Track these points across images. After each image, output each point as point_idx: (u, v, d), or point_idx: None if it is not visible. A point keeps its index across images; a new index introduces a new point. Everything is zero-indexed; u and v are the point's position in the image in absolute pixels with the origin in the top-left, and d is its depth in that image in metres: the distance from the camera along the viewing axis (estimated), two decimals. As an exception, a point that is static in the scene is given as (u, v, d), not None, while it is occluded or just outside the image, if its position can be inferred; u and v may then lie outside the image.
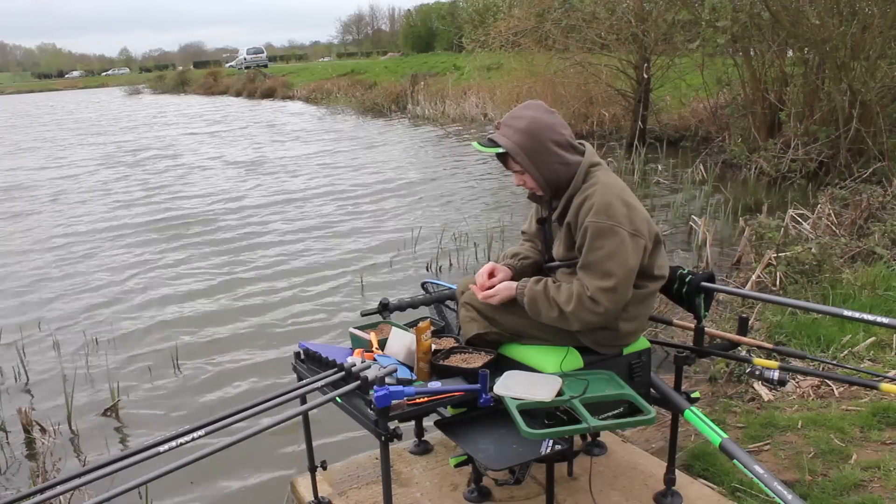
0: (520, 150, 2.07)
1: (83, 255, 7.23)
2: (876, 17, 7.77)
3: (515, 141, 2.08)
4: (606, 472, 2.54)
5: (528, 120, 2.08)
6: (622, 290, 2.02)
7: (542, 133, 2.07)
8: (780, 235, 5.11)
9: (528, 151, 2.07)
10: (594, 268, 2.02)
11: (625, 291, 2.03)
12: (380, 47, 64.96)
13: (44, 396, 4.18)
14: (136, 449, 1.62)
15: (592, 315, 2.03)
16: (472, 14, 19.41)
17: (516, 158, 2.09)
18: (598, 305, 2.00)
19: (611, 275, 1.99)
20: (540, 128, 2.07)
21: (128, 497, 1.56)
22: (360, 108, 22.78)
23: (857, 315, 2.02)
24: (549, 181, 2.12)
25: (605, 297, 2.00)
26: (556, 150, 2.08)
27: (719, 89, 10.87)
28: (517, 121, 2.10)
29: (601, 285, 2.00)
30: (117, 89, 53.75)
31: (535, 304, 2.10)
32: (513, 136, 2.08)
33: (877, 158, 7.53)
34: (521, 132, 2.08)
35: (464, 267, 6.14)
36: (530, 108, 2.13)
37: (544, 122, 2.09)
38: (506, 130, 2.11)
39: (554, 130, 2.09)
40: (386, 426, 1.87)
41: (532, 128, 2.07)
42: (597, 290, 2.00)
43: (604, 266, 2.00)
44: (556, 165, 2.09)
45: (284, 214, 8.62)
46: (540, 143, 2.07)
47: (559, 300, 2.05)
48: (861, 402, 3.13)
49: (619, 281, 2.00)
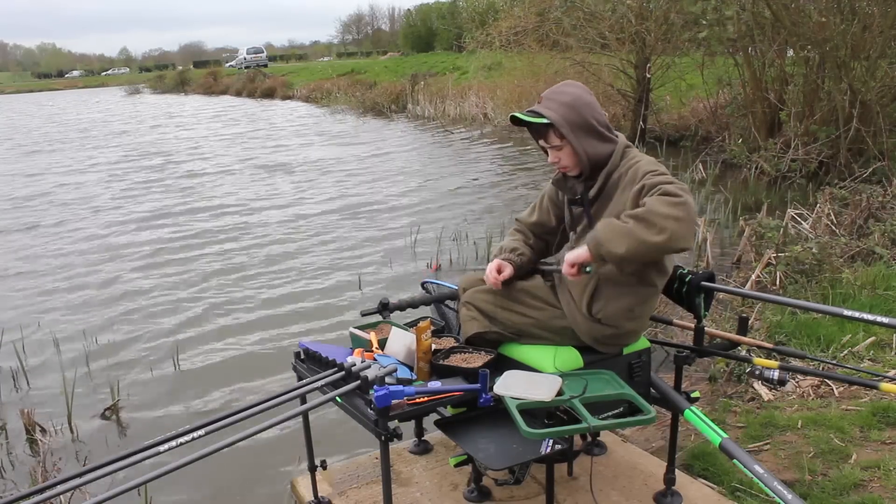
0: (564, 122, 2.07)
1: (83, 256, 7.23)
2: (876, 17, 7.77)
3: (560, 113, 2.08)
4: (606, 472, 2.54)
5: (573, 96, 2.10)
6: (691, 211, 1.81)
7: (585, 109, 2.09)
8: (780, 235, 5.11)
9: (572, 124, 2.08)
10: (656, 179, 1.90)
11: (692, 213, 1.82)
12: (380, 47, 64.95)
13: (44, 396, 4.18)
14: (136, 449, 1.62)
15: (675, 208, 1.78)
16: (473, 14, 19.41)
17: (561, 130, 2.08)
18: (677, 197, 1.80)
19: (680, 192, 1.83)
20: (583, 104, 2.09)
21: (128, 497, 1.57)
22: (360, 108, 22.76)
23: (857, 315, 2.02)
24: (590, 156, 2.11)
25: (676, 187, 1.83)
26: (598, 128, 2.10)
27: (719, 89, 10.87)
28: (561, 95, 2.11)
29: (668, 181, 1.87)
30: (117, 89, 53.74)
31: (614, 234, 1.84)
32: (558, 108, 2.09)
33: (877, 158, 7.53)
34: (565, 105, 2.08)
35: (464, 266, 6.14)
36: (572, 85, 2.17)
37: (586, 100, 2.11)
38: (549, 104, 2.11)
39: (595, 109, 2.12)
40: (386, 426, 1.87)
41: (576, 103, 2.09)
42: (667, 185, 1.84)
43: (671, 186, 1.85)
44: (596, 142, 2.11)
45: (284, 215, 8.61)
46: (583, 119, 2.08)
47: (631, 214, 1.84)
48: (861, 401, 3.13)
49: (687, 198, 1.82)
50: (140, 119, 25.24)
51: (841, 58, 8.01)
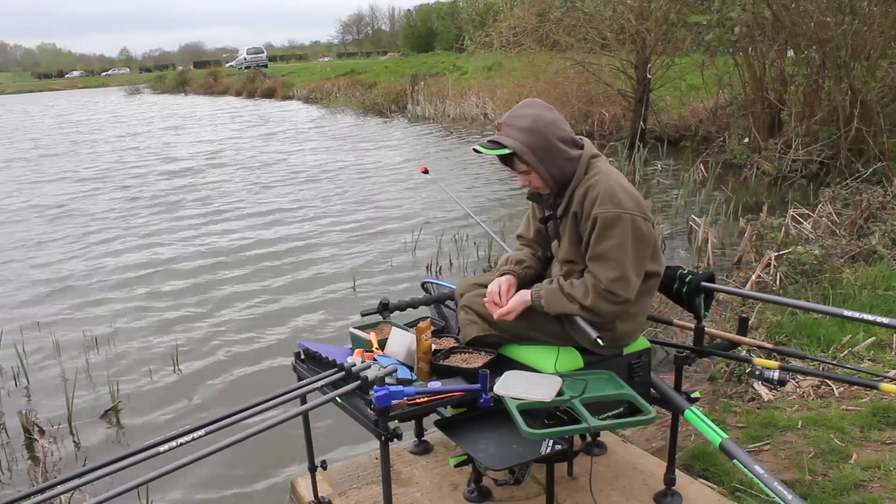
0: (527, 149, 2.04)
1: (83, 256, 7.24)
2: (876, 17, 7.77)
3: (521, 140, 2.05)
4: (606, 472, 2.54)
5: (532, 118, 2.06)
6: (634, 278, 2.02)
7: (546, 130, 2.05)
8: (781, 235, 5.11)
9: (535, 150, 2.05)
10: (604, 258, 2.00)
11: (636, 278, 2.03)
12: (380, 47, 64.96)
13: (44, 397, 4.18)
14: (136, 449, 1.62)
15: (612, 305, 2.03)
16: (473, 14, 19.42)
17: (524, 158, 2.06)
18: (615, 296, 2.00)
19: (622, 264, 1.98)
20: (544, 125, 2.05)
21: (128, 497, 1.56)
22: (360, 108, 22.77)
23: (857, 315, 2.02)
24: (556, 178, 2.10)
25: (619, 286, 1.99)
26: (560, 147, 2.07)
27: (720, 89, 10.87)
28: (520, 120, 2.07)
29: (612, 276, 1.99)
30: (117, 89, 53.74)
31: (553, 305, 2.09)
32: (517, 135, 2.06)
33: (877, 158, 7.53)
34: (525, 131, 2.05)
35: (464, 267, 6.14)
36: (530, 106, 2.11)
37: (547, 119, 2.07)
38: (509, 131, 2.07)
39: (557, 126, 2.07)
40: (386, 426, 1.87)
41: (536, 126, 2.05)
42: (610, 282, 1.99)
43: (614, 255, 1.98)
44: (562, 161, 2.08)
45: (284, 215, 8.62)
46: (545, 141, 2.05)
47: (576, 295, 2.05)
48: (861, 402, 3.13)
49: (630, 269, 1.99)
50: (148, 120, 25.22)
51: (841, 58, 8.02)
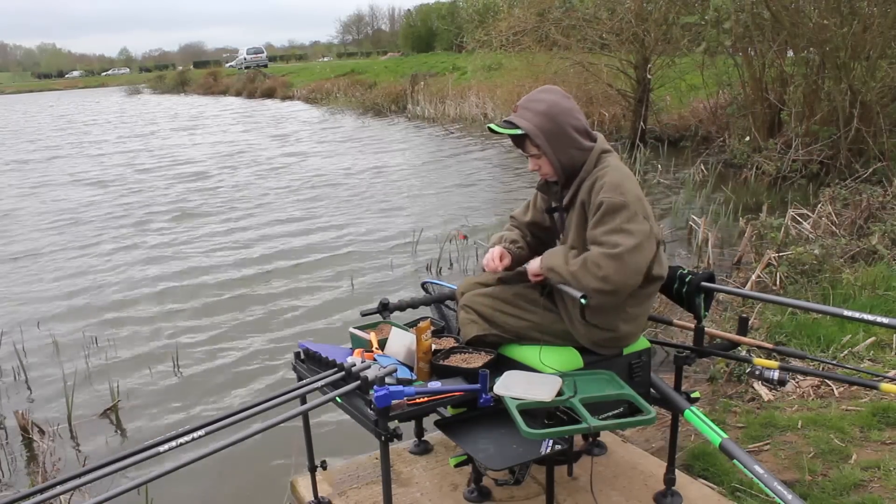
0: (539, 133, 2.05)
1: (83, 256, 7.24)
2: (876, 18, 7.77)
3: (535, 123, 2.05)
4: (606, 472, 2.54)
5: (548, 103, 2.07)
6: (630, 262, 1.94)
7: (561, 116, 2.06)
8: (781, 235, 5.11)
9: (548, 134, 2.05)
10: (602, 238, 1.99)
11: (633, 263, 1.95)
12: (380, 47, 64.94)
13: (44, 397, 4.18)
14: (136, 449, 1.62)
15: (593, 279, 1.95)
16: (472, 14, 19.40)
17: (535, 141, 2.06)
18: (599, 269, 1.94)
19: (617, 245, 1.94)
20: (559, 111, 2.06)
21: (128, 497, 1.56)
22: (360, 109, 22.76)
23: (857, 315, 2.02)
24: (565, 166, 2.10)
25: (607, 262, 1.94)
26: (573, 135, 2.07)
27: (719, 89, 10.87)
28: (536, 104, 2.08)
29: (606, 252, 1.95)
30: (117, 89, 53.73)
31: (552, 259, 2.11)
32: (532, 118, 2.06)
33: (877, 158, 7.53)
34: (540, 115, 2.06)
35: (464, 267, 6.14)
36: (549, 91, 2.12)
37: (563, 107, 2.08)
38: (524, 113, 2.08)
39: (572, 115, 2.08)
40: (386, 426, 1.87)
41: (552, 111, 2.05)
42: (600, 256, 1.95)
43: (612, 238, 1.96)
44: (573, 150, 2.08)
45: (284, 215, 8.62)
46: (559, 127, 2.05)
47: (569, 259, 2.06)
48: (861, 402, 3.13)
49: (625, 250, 1.93)
50: (153, 120, 25.21)
51: (841, 58, 8.01)
